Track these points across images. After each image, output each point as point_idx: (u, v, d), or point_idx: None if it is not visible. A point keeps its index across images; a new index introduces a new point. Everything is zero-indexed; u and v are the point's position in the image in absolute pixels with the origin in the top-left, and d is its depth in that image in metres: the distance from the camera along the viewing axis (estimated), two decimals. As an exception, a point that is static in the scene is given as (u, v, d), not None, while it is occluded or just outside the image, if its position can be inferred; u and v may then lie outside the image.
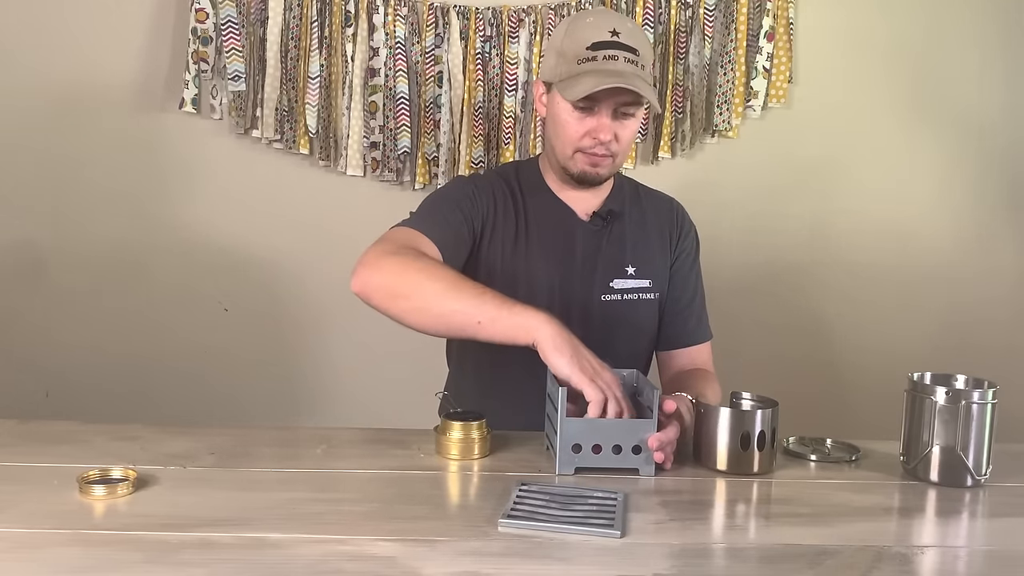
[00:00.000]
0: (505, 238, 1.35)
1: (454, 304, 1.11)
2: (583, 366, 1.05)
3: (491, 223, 1.35)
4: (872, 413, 1.74)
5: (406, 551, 0.82)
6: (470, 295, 1.11)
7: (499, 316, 1.09)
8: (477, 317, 1.09)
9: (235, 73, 2.09)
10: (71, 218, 2.17)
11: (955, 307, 2.34)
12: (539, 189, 1.40)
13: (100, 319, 2.19)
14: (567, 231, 1.38)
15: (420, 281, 1.13)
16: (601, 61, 1.24)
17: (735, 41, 2.18)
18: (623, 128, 1.29)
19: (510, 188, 1.39)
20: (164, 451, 1.09)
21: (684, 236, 1.45)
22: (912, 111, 2.28)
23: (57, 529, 0.85)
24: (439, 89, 2.16)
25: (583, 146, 1.29)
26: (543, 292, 1.35)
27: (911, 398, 1.09)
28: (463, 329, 1.12)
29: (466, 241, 1.32)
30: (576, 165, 1.32)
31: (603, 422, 1.05)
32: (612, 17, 1.31)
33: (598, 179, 1.34)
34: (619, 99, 1.26)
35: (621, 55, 1.25)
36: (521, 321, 1.08)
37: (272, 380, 2.25)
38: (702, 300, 1.47)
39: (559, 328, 1.07)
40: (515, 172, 1.43)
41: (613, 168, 1.34)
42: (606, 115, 1.27)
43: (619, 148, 1.31)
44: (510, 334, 1.08)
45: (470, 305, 1.10)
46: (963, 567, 0.86)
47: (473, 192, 1.35)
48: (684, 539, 0.88)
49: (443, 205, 1.33)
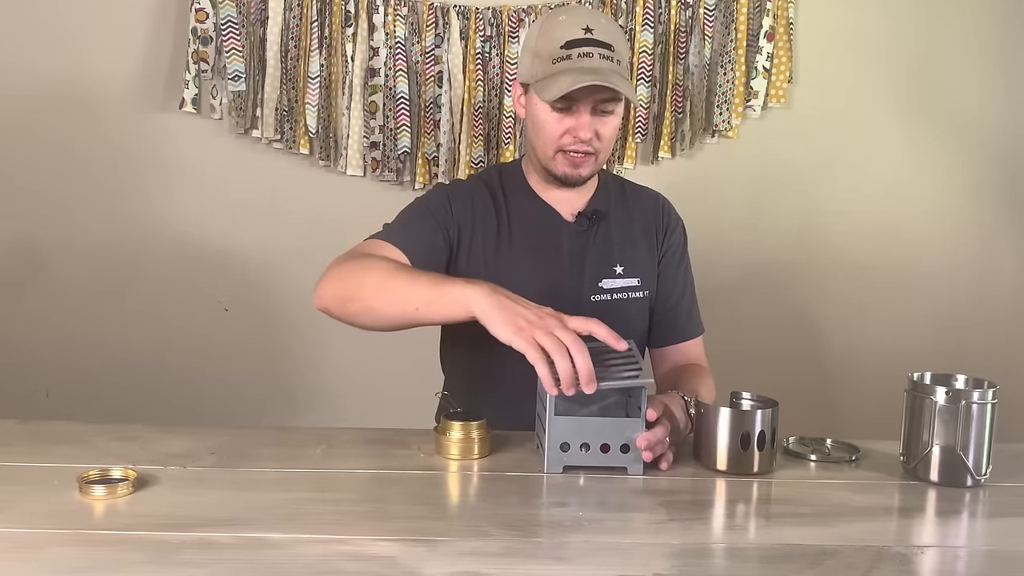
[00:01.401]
0: (487, 242, 1.34)
1: (391, 295, 1.11)
2: (519, 325, 1.00)
3: (469, 228, 1.34)
4: (872, 413, 1.74)
5: (406, 551, 0.82)
6: (404, 283, 1.10)
7: (433, 297, 1.08)
8: (414, 303, 1.09)
9: (235, 73, 2.09)
10: (71, 217, 2.17)
11: (956, 307, 2.34)
12: (522, 191, 1.39)
13: (100, 318, 2.19)
14: (552, 233, 1.37)
15: (361, 280, 1.14)
16: (576, 59, 1.23)
17: (735, 41, 2.18)
18: (603, 125, 1.28)
19: (491, 192, 1.38)
20: (164, 451, 1.09)
21: (671, 232, 1.44)
22: (912, 111, 2.28)
23: (57, 529, 0.84)
24: (439, 89, 2.16)
25: (563, 145, 1.29)
26: (530, 296, 1.34)
27: (911, 398, 1.09)
28: (406, 318, 1.11)
29: (440, 249, 1.31)
30: (558, 166, 1.31)
31: (592, 421, 1.05)
32: (585, 14, 1.30)
33: (580, 179, 1.33)
34: (597, 96, 1.25)
35: (596, 52, 1.24)
36: (455, 297, 1.06)
37: (272, 380, 2.25)
38: (692, 295, 1.47)
39: (492, 294, 1.04)
40: (498, 175, 1.42)
41: (596, 166, 1.33)
42: (585, 113, 1.26)
43: (601, 146, 1.30)
44: (448, 312, 1.07)
45: (405, 293, 1.10)
46: (963, 567, 0.86)
47: (448, 200, 1.34)
48: (684, 539, 0.88)
49: (415, 215, 1.33)
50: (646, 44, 2.15)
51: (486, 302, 1.03)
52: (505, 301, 1.04)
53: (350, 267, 1.18)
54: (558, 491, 1.01)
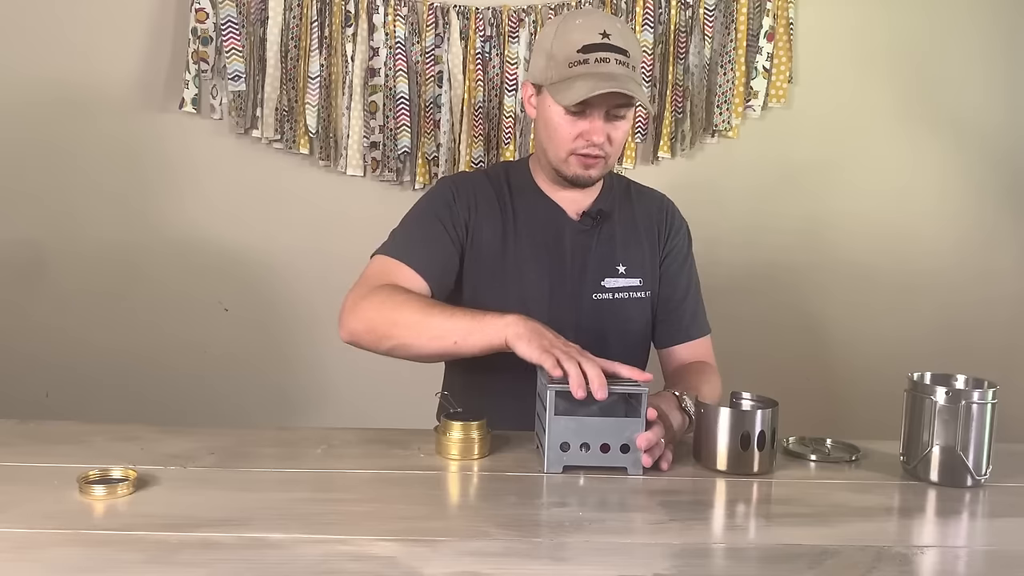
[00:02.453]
0: (493, 237, 1.35)
1: (428, 333, 1.18)
2: (542, 344, 1.08)
3: (474, 221, 1.35)
4: (872, 413, 1.74)
5: (406, 551, 0.82)
6: (441, 319, 1.18)
7: (471, 330, 1.15)
8: (453, 338, 1.16)
9: (235, 73, 2.09)
10: (71, 218, 2.17)
11: (956, 307, 2.34)
12: (529, 189, 1.40)
13: (100, 319, 2.19)
14: (557, 231, 1.38)
15: (394, 319, 1.20)
16: (593, 64, 1.24)
17: (735, 41, 2.18)
18: (615, 130, 1.30)
19: (497, 188, 1.39)
20: (164, 451, 1.09)
21: (674, 233, 1.45)
22: (913, 111, 2.28)
23: (57, 529, 0.84)
24: (439, 89, 2.16)
25: (576, 148, 1.30)
26: (533, 292, 1.35)
27: (911, 398, 1.09)
28: (445, 351, 1.19)
29: (452, 255, 1.33)
30: (570, 168, 1.32)
31: (592, 421, 1.06)
32: (601, 18, 1.30)
33: (591, 181, 1.34)
34: (612, 101, 1.26)
35: (613, 57, 1.24)
36: (492, 330, 1.13)
37: (272, 380, 2.25)
38: (697, 295, 1.47)
39: (524, 322, 1.12)
40: (505, 173, 1.43)
41: (605, 169, 1.35)
42: (599, 118, 1.27)
43: (611, 149, 1.31)
44: (486, 343, 1.14)
45: (443, 329, 1.17)
46: (963, 567, 0.86)
47: (452, 195, 1.36)
48: (684, 539, 0.88)
49: (422, 223, 1.35)
50: (646, 44, 2.15)
51: (522, 328, 1.11)
52: (539, 328, 1.12)
53: (378, 304, 1.22)
54: (558, 491, 1.01)
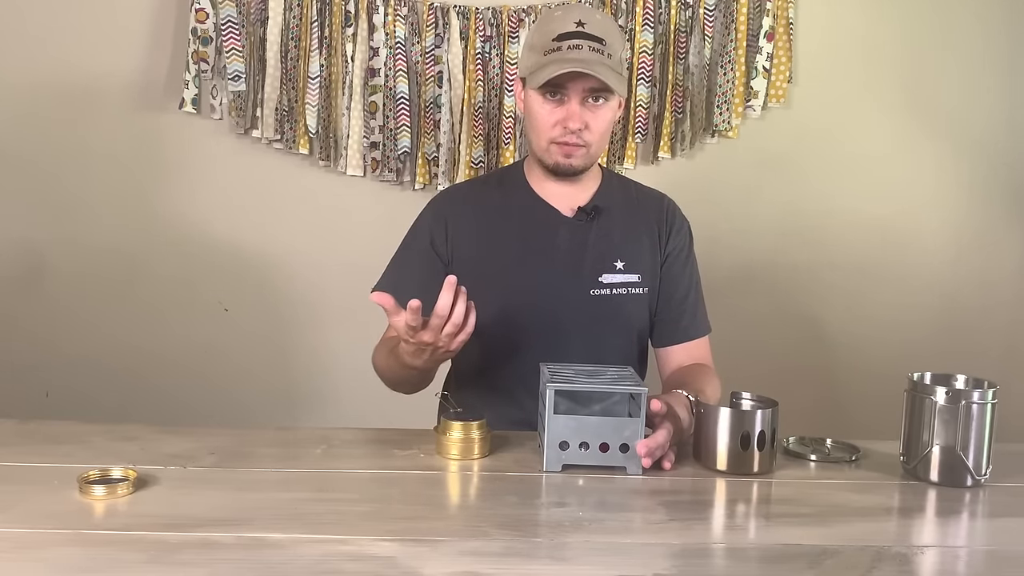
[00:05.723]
0: (474, 244, 1.39)
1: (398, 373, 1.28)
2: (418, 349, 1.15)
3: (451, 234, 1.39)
4: (872, 413, 1.74)
5: (406, 551, 0.82)
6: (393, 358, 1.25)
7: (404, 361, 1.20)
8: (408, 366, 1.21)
9: (235, 73, 2.08)
10: (71, 218, 2.17)
11: (955, 307, 2.34)
12: (520, 189, 1.42)
13: (100, 319, 2.19)
14: (548, 229, 1.39)
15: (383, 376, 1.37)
16: (565, 51, 1.27)
17: (735, 41, 2.18)
18: (594, 117, 1.31)
19: (485, 195, 1.44)
20: (164, 451, 1.09)
21: (676, 232, 1.45)
22: (912, 111, 2.28)
23: (57, 529, 0.85)
24: (439, 89, 2.16)
25: (555, 136, 1.32)
26: (528, 289, 1.36)
27: (911, 398, 1.09)
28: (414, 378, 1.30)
29: (437, 267, 1.38)
30: (551, 156, 1.34)
31: (591, 420, 1.06)
32: (580, 10, 1.33)
33: (572, 170, 1.35)
34: (585, 85, 1.28)
35: (586, 44, 1.27)
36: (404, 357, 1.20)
37: (272, 380, 2.25)
38: (698, 295, 1.47)
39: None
40: (498, 175, 1.49)
41: (588, 158, 1.35)
42: (575, 103, 1.29)
43: (592, 138, 1.33)
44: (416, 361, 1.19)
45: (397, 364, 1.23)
46: (963, 567, 0.86)
47: (429, 224, 1.42)
48: (684, 539, 0.88)
49: (404, 261, 1.42)
50: (646, 44, 2.15)
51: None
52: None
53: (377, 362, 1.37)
54: (558, 491, 1.01)
